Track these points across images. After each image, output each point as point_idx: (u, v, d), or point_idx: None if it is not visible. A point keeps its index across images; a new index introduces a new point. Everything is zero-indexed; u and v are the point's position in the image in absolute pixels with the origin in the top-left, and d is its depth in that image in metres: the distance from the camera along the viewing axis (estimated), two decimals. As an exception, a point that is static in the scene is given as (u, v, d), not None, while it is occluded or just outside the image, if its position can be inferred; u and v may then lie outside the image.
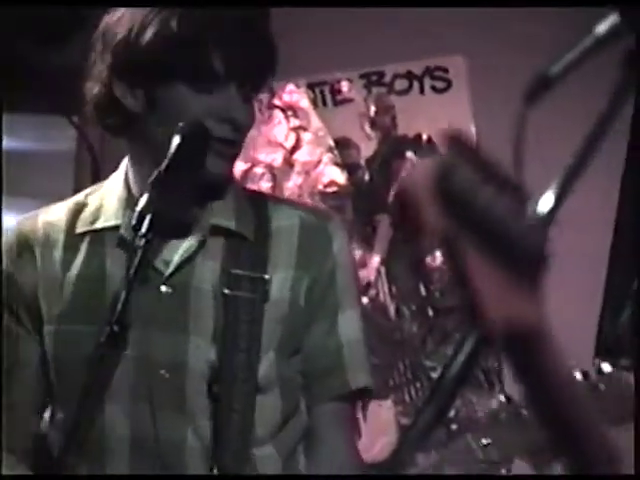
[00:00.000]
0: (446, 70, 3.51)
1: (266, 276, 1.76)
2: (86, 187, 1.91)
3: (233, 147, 1.75)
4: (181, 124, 1.66)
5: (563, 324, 3.44)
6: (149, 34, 1.69)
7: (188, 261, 1.76)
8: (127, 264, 1.69)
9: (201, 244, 1.77)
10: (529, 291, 0.96)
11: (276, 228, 1.81)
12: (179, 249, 1.77)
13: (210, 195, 1.79)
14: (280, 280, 1.78)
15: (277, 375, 1.77)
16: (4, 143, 3.15)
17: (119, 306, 1.58)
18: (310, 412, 1.82)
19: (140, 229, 1.59)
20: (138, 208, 1.61)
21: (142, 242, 1.59)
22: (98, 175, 2.97)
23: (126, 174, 1.81)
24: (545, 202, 1.02)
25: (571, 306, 3.23)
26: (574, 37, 1.09)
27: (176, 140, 1.65)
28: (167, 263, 1.76)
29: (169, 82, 1.71)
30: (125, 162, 1.83)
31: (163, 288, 1.75)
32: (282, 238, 1.80)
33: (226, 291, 1.74)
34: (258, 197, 1.89)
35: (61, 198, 1.90)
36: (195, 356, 1.73)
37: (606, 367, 1.68)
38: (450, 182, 0.92)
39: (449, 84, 3.51)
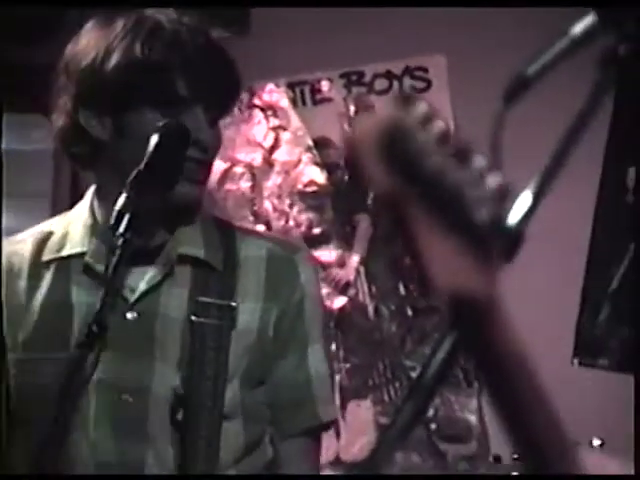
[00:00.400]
0: (426, 70, 3.52)
1: (234, 303, 1.76)
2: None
3: (201, 168, 1.74)
4: (160, 123, 1.66)
5: (542, 324, 3.49)
6: (114, 60, 1.68)
7: (154, 289, 1.76)
8: (93, 291, 1.69)
9: (168, 272, 1.76)
10: (482, 263, 0.94)
11: (244, 258, 1.81)
12: (145, 276, 1.76)
13: (179, 220, 1.78)
14: (248, 310, 1.78)
15: (241, 403, 1.77)
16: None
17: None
18: (279, 445, 1.83)
19: (118, 228, 1.58)
20: (117, 207, 1.60)
21: (120, 241, 1.58)
22: (77, 174, 2.96)
23: (92, 202, 1.81)
24: (523, 201, 1.02)
25: (550, 306, 3.25)
26: (552, 37, 1.09)
27: (154, 139, 1.64)
28: (133, 290, 1.76)
29: (135, 108, 1.70)
30: (91, 191, 1.83)
31: (129, 315, 1.75)
32: (250, 269, 1.80)
33: (193, 318, 1.74)
34: (226, 227, 1.88)
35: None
36: (160, 382, 1.73)
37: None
38: (399, 142, 0.91)
39: (429, 84, 3.52)
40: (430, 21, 3.43)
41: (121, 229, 1.58)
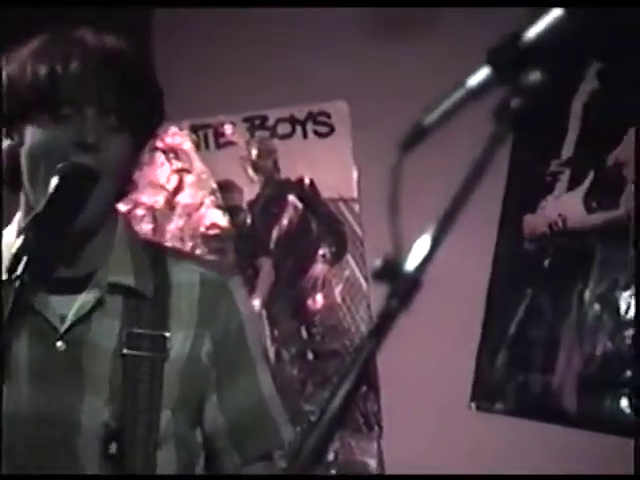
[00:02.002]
0: (329, 115, 3.54)
1: (166, 334, 1.74)
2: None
3: (95, 176, 1.68)
4: (60, 165, 1.65)
5: (441, 368, 3.51)
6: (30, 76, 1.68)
7: (84, 318, 1.73)
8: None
9: (98, 301, 1.74)
10: None
11: (176, 284, 1.79)
12: (75, 304, 1.73)
13: (99, 247, 1.75)
14: (181, 338, 1.76)
15: (173, 432, 1.75)
16: None
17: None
18: (243, 470, 1.82)
19: (15, 271, 1.56)
20: (13, 250, 1.58)
21: (17, 284, 1.56)
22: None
23: (19, 225, 1.79)
24: (420, 247, 1.05)
25: (448, 350, 3.28)
26: (451, 86, 1.11)
27: (54, 181, 1.63)
28: (63, 318, 1.72)
29: (34, 120, 1.69)
30: (18, 214, 1.81)
31: (58, 344, 1.72)
32: (182, 295, 1.78)
33: (125, 351, 1.72)
34: (157, 251, 1.86)
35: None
36: (90, 416, 1.70)
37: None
38: None
39: (331, 129, 3.55)
40: (333, 66, 3.47)
41: (18, 271, 1.56)
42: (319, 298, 3.51)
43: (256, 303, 3.54)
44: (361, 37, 3.44)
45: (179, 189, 3.63)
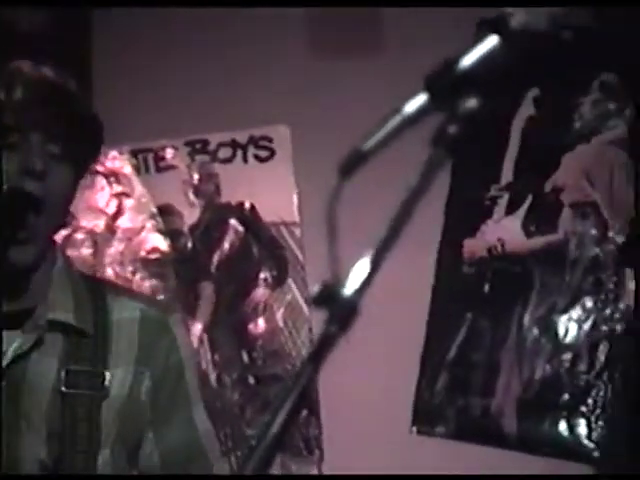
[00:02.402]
0: (270, 140, 3.55)
1: (106, 372, 1.73)
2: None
3: (39, 205, 1.67)
4: (4, 190, 1.62)
5: (382, 392, 3.51)
6: None
7: (23, 356, 1.70)
8: None
9: (38, 339, 1.71)
10: None
11: (116, 321, 1.78)
12: (14, 342, 1.71)
13: (37, 283, 1.73)
14: (120, 375, 1.75)
15: (111, 471, 1.73)
16: None
17: None
18: None
19: None
20: None
21: None
22: None
23: None
24: (359, 272, 1.05)
25: (389, 374, 3.28)
26: (391, 111, 1.12)
27: None
28: (4, 355, 1.70)
29: None
30: None
31: None
32: (122, 332, 1.77)
33: (63, 389, 1.70)
34: (97, 287, 1.85)
35: None
36: (28, 454, 1.68)
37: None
38: None
39: (273, 153, 3.55)
40: (274, 91, 3.47)
41: None
42: (260, 322, 3.50)
43: (197, 328, 3.53)
44: (303, 62, 3.46)
45: (119, 213, 3.61)
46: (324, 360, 1.05)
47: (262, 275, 3.52)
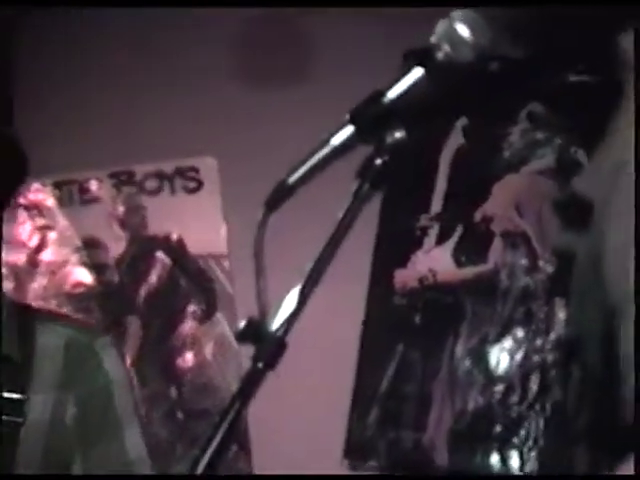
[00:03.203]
0: (197, 170, 3.52)
1: (26, 397, 1.72)
2: None
3: None
4: None
5: (313, 426, 3.48)
6: None
7: None
8: None
9: None
10: None
11: (42, 347, 1.78)
12: None
13: None
14: (41, 401, 1.74)
15: None
16: None
17: None
18: None
19: None
20: None
21: None
22: None
23: None
24: (287, 305, 1.06)
25: (320, 408, 3.26)
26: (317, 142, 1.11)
27: None
28: None
29: None
30: None
31: None
32: (47, 357, 1.77)
33: None
34: (26, 312, 1.84)
35: None
36: None
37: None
38: None
39: (200, 184, 3.52)
40: (201, 122, 3.45)
41: None
42: (189, 356, 3.47)
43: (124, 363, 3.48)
44: (229, 92, 3.44)
45: (42, 246, 3.57)
46: (252, 395, 1.07)
47: (190, 308, 3.50)
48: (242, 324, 1.11)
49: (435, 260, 3.28)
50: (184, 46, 3.48)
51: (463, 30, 1.11)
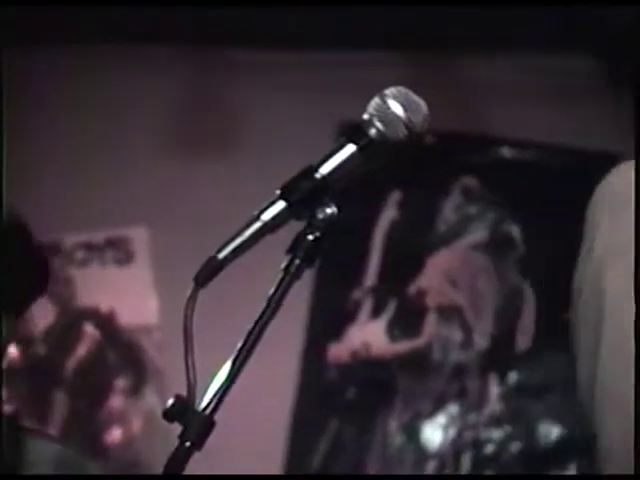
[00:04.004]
0: (128, 241, 3.48)
1: None
2: None
3: None
4: None
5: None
6: None
7: None
8: None
9: None
10: None
11: (32, 463, 1.70)
12: None
13: None
14: None
15: None
16: None
17: None
18: None
19: None
20: None
21: None
22: None
23: None
24: (216, 382, 1.06)
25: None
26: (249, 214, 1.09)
27: None
28: None
29: None
30: None
31: None
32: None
33: None
34: (16, 428, 1.78)
35: None
36: None
37: None
38: None
39: (131, 255, 3.48)
40: (133, 191, 3.41)
41: None
42: (116, 432, 3.41)
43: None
44: (160, 162, 3.41)
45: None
46: (179, 475, 1.06)
47: (119, 382, 3.44)
48: (169, 402, 1.10)
49: (369, 334, 3.27)
50: (120, 110, 3.45)
51: (396, 107, 1.11)
